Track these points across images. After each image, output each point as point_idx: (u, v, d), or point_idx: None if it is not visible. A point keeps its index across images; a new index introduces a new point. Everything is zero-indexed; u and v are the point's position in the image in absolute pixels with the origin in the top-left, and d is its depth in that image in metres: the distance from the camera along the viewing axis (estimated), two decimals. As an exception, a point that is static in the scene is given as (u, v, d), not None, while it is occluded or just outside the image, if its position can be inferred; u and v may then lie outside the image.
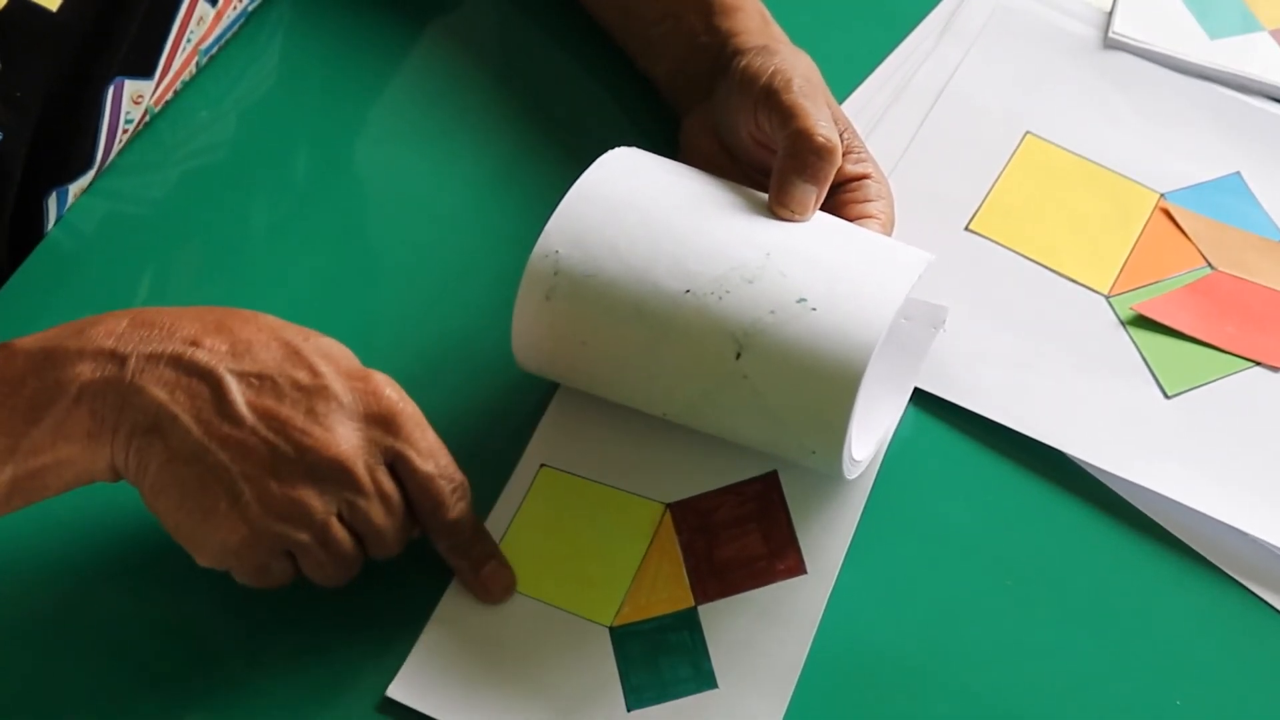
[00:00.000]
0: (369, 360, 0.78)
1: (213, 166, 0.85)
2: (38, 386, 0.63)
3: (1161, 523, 0.75)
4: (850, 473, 0.70)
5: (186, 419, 0.63)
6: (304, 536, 0.65)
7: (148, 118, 0.85)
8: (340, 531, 0.66)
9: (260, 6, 0.90)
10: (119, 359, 0.64)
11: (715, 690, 0.68)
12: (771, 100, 0.76)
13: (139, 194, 0.84)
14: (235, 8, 0.87)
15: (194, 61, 0.86)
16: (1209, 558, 0.74)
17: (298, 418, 0.64)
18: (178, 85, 0.86)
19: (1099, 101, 0.89)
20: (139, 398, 0.63)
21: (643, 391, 0.72)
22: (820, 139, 0.74)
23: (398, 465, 0.66)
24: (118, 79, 0.80)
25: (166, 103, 0.86)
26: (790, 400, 0.68)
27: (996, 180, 0.86)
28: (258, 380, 0.64)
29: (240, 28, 0.89)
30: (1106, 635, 0.72)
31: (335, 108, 0.89)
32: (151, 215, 0.83)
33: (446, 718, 0.67)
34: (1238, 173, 0.87)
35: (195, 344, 0.64)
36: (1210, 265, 0.83)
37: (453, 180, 0.86)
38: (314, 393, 0.65)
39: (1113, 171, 0.86)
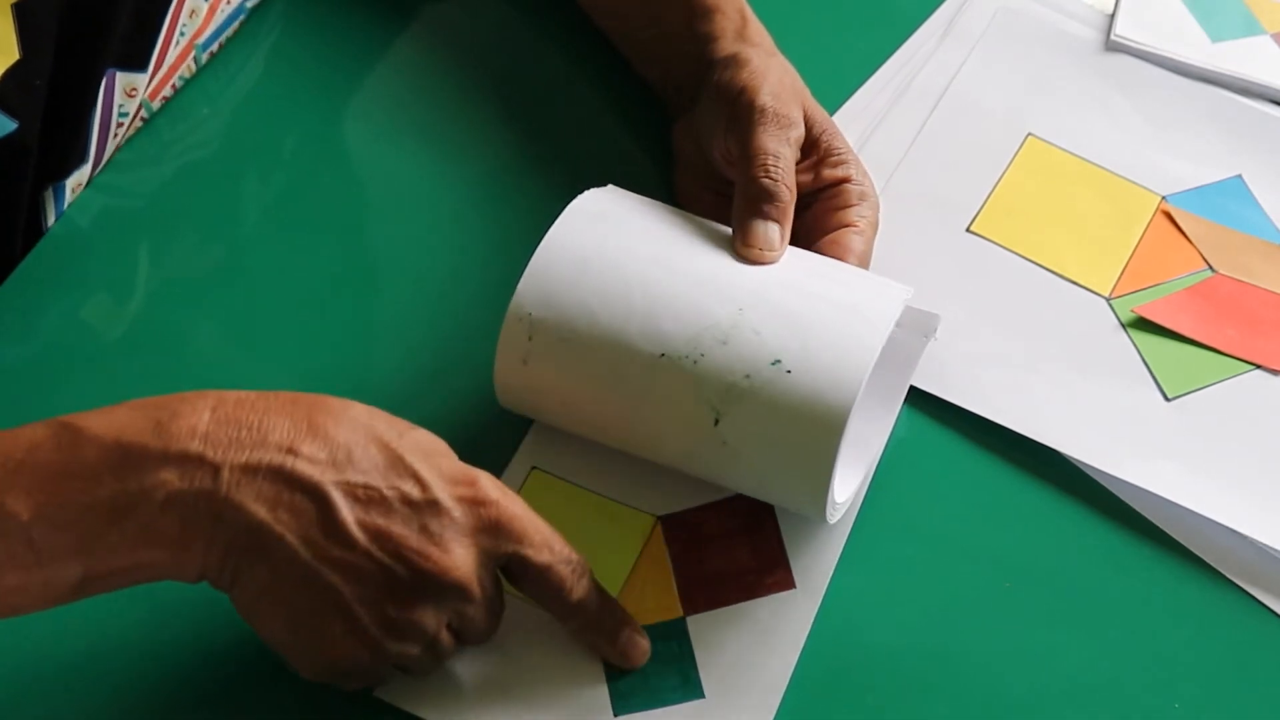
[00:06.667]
0: (366, 359, 0.79)
1: (210, 162, 0.85)
2: (117, 489, 0.59)
3: (1160, 525, 0.74)
4: (833, 517, 0.71)
5: (293, 540, 0.59)
6: (416, 650, 0.64)
7: (144, 113, 0.85)
8: (448, 638, 0.65)
9: (260, 4, 0.90)
10: (210, 468, 0.59)
11: (702, 700, 0.68)
12: (736, 128, 0.75)
13: (136, 189, 0.84)
14: (231, 2, 0.86)
15: (191, 56, 0.86)
16: (1208, 560, 0.73)
17: (411, 537, 0.61)
18: (175, 81, 0.86)
19: (1100, 104, 0.89)
20: (237, 514, 0.59)
21: (626, 447, 0.72)
22: (765, 184, 0.73)
23: (513, 564, 0.64)
24: (110, 71, 0.80)
25: (166, 99, 0.86)
26: (770, 465, 0.68)
27: (998, 182, 0.86)
28: (364, 494, 0.60)
29: (240, 25, 0.89)
30: (1105, 638, 0.71)
31: (333, 105, 0.89)
32: (149, 210, 0.83)
33: (433, 717, 0.67)
34: (1239, 175, 0.87)
35: (293, 452, 0.60)
36: (1211, 268, 0.83)
37: (451, 178, 0.86)
38: (424, 508, 0.61)
39: (1114, 174, 0.86)
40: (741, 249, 0.72)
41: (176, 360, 0.78)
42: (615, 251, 0.71)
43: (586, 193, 0.74)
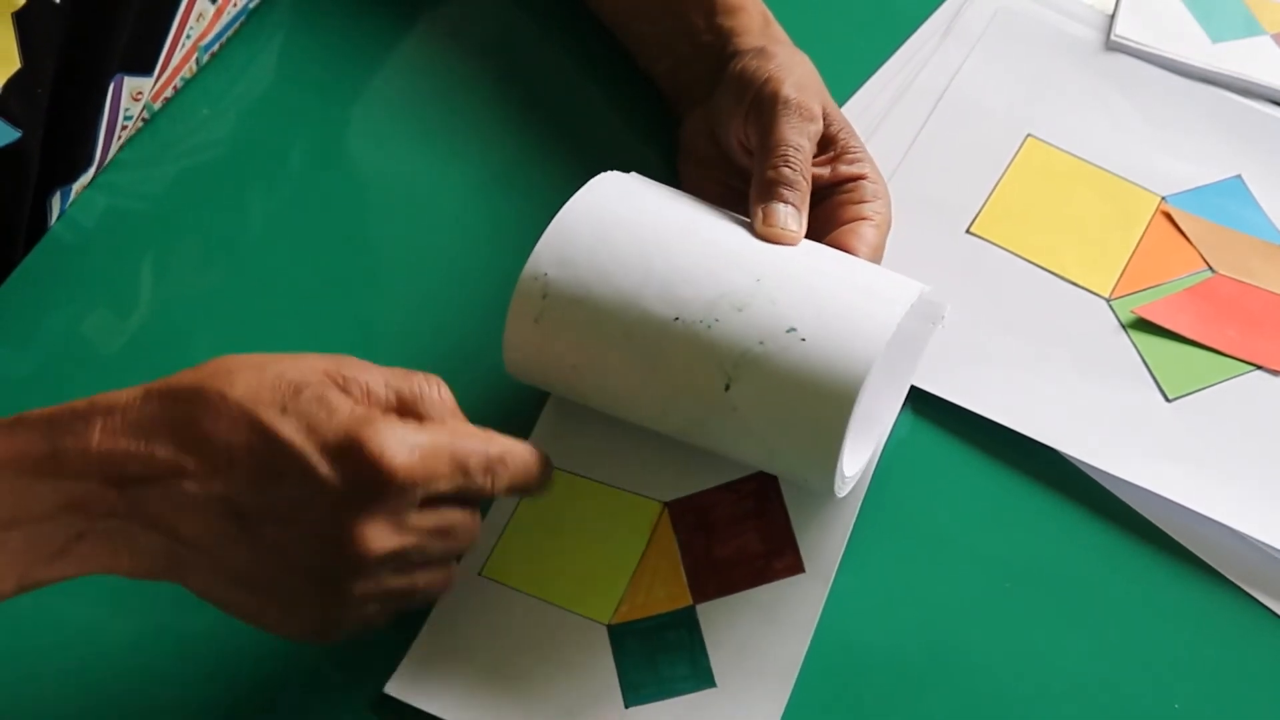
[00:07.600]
0: (370, 359, 0.79)
1: (212, 163, 0.85)
2: (30, 527, 0.59)
3: (1160, 525, 0.74)
4: (841, 490, 0.71)
5: (206, 560, 0.60)
6: (376, 608, 0.62)
7: (147, 114, 0.85)
8: (401, 582, 0.62)
9: (261, 4, 0.90)
10: (109, 499, 0.59)
11: (714, 689, 0.68)
12: (757, 117, 0.76)
13: (138, 189, 0.84)
14: (236, 4, 0.87)
15: (194, 58, 0.86)
16: (1208, 560, 0.74)
17: (301, 539, 0.59)
18: (177, 82, 0.86)
19: (1100, 104, 0.89)
20: (149, 538, 0.60)
21: (634, 414, 0.72)
22: (785, 172, 0.74)
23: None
24: (118, 75, 0.80)
25: (167, 100, 0.86)
26: (780, 434, 0.68)
27: (998, 183, 0.86)
28: (254, 506, 0.59)
29: (241, 25, 0.89)
30: (1105, 638, 0.72)
31: (335, 106, 0.89)
32: (151, 211, 0.83)
33: (444, 714, 0.67)
34: (1239, 176, 0.87)
35: (178, 473, 0.59)
36: (1211, 268, 0.83)
37: (452, 178, 0.86)
38: (308, 503, 0.59)
39: (1114, 174, 0.86)
40: (762, 228, 0.72)
41: (179, 360, 0.78)
42: (635, 220, 0.71)
43: (607, 172, 0.75)
